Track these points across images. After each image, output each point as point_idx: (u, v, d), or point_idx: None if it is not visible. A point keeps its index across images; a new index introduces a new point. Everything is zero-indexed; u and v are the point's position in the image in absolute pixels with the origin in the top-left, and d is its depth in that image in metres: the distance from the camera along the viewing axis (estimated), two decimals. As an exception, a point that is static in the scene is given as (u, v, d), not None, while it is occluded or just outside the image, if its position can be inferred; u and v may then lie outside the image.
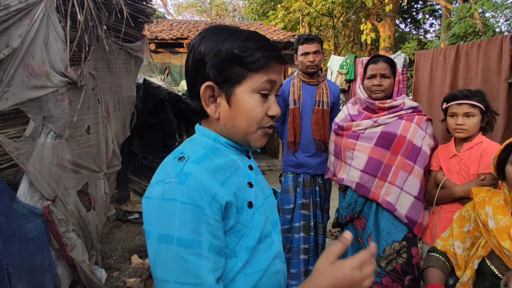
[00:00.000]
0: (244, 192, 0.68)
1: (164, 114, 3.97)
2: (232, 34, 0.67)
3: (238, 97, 0.67)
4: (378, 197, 1.63)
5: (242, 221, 0.66)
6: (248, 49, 0.65)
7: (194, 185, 0.60)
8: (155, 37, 6.53)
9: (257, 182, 0.74)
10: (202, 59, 0.67)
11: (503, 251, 1.11)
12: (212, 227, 0.60)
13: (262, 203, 0.72)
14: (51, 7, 1.65)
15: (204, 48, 0.67)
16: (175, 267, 0.58)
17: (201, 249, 0.58)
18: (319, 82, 2.23)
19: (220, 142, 0.71)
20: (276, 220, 0.78)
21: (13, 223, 1.53)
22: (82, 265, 1.90)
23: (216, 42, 0.66)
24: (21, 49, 1.51)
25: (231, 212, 0.64)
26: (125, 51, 2.51)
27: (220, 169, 0.66)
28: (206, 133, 0.72)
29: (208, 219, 0.59)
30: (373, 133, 1.70)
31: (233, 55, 0.65)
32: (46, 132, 1.72)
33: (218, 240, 0.61)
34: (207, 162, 0.65)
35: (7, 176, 1.60)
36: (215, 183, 0.62)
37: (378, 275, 1.64)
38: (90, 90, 2.07)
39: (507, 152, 1.16)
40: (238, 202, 0.65)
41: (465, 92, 1.57)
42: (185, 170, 0.62)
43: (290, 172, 2.30)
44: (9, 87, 1.49)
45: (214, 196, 0.61)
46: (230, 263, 0.65)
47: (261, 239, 0.68)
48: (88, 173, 2.12)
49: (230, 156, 0.71)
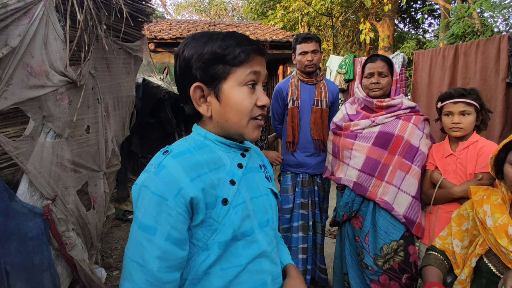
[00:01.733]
0: (221, 188, 0.71)
1: (164, 114, 3.97)
2: (211, 36, 0.72)
3: (226, 93, 0.71)
4: (375, 197, 1.64)
5: (214, 217, 0.69)
6: (227, 47, 0.70)
7: (165, 177, 0.66)
8: (154, 36, 6.52)
9: (246, 181, 0.76)
10: (188, 63, 0.72)
11: (500, 249, 1.12)
12: (173, 218, 0.65)
13: (243, 201, 0.74)
14: (50, 7, 1.65)
15: (187, 53, 0.72)
16: (133, 245, 0.67)
17: (154, 236, 0.65)
18: (317, 82, 2.23)
19: (209, 139, 0.75)
20: (267, 221, 0.79)
21: (12, 222, 1.53)
22: (82, 264, 1.90)
23: (198, 46, 0.72)
24: (20, 48, 1.51)
25: (199, 207, 0.68)
26: (125, 51, 2.51)
27: (197, 165, 0.70)
28: (198, 130, 0.77)
29: (170, 211, 0.65)
30: (371, 132, 1.70)
31: (215, 54, 0.70)
32: (46, 131, 1.72)
33: (177, 232, 0.66)
34: (186, 157, 0.70)
35: (6, 175, 1.60)
36: (185, 178, 0.67)
37: (375, 273, 1.65)
38: (89, 90, 2.07)
39: (505, 152, 1.17)
40: (208, 198, 0.69)
41: (460, 91, 1.57)
42: (163, 163, 0.68)
43: (288, 172, 2.30)
44: (8, 86, 1.49)
45: (180, 190, 0.66)
46: (202, 256, 0.69)
47: (238, 236, 0.71)
48: (88, 173, 2.12)
49: (216, 153, 0.74)
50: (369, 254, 1.67)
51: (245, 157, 0.79)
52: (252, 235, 0.74)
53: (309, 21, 8.64)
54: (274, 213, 0.84)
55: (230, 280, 0.70)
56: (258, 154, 0.90)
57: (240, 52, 0.70)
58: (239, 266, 0.71)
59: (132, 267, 0.66)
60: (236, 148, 0.78)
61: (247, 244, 0.73)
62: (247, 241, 0.73)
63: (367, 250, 1.68)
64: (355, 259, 1.80)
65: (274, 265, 0.78)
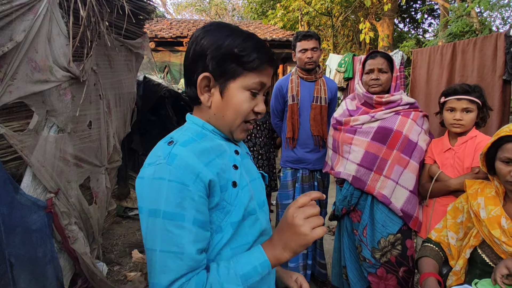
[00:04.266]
0: (229, 173, 0.74)
1: (164, 111, 4.00)
2: (233, 31, 0.73)
3: (230, 92, 0.74)
4: (373, 190, 1.67)
5: (227, 199, 0.72)
6: (246, 49, 0.72)
7: (181, 164, 0.67)
8: (155, 35, 6.55)
9: (243, 165, 0.81)
10: (204, 51, 0.73)
11: (493, 240, 1.15)
12: (196, 202, 0.66)
13: (247, 183, 0.78)
14: (54, 3, 1.68)
15: (206, 41, 0.73)
16: (161, 237, 0.65)
17: (184, 222, 0.65)
18: (317, 79, 2.26)
19: (207, 129, 0.78)
20: (264, 201, 0.85)
21: (17, 214, 1.56)
22: (84, 257, 1.93)
23: (218, 37, 0.72)
24: (24, 43, 1.54)
25: (215, 190, 0.70)
26: (126, 48, 2.53)
27: (205, 151, 0.72)
28: (195, 120, 0.79)
29: (192, 195, 0.66)
30: (370, 127, 1.73)
31: (232, 52, 0.71)
32: (49, 125, 1.75)
33: (202, 214, 0.68)
34: (194, 144, 0.71)
35: (10, 168, 1.63)
36: (200, 163, 0.68)
37: (373, 266, 1.68)
38: (92, 86, 2.10)
39: (495, 148, 1.19)
40: (222, 182, 0.71)
41: (465, 87, 1.57)
42: (173, 152, 0.68)
43: (288, 168, 2.33)
44: (13, 81, 1.52)
45: (198, 175, 0.67)
46: (217, 238, 0.72)
47: (245, 216, 0.74)
48: (90, 167, 2.15)
49: (216, 141, 0.77)
50: (367, 247, 1.69)
51: (237, 145, 0.84)
52: (255, 214, 0.78)
53: (309, 20, 8.66)
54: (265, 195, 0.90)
55: None
56: (242, 143, 0.94)
57: (256, 59, 0.71)
58: (247, 244, 0.75)
59: (168, 258, 0.65)
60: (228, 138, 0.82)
61: (252, 223, 0.77)
62: (252, 220, 0.77)
63: (365, 243, 1.70)
64: (353, 252, 1.83)
65: None
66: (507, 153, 1.14)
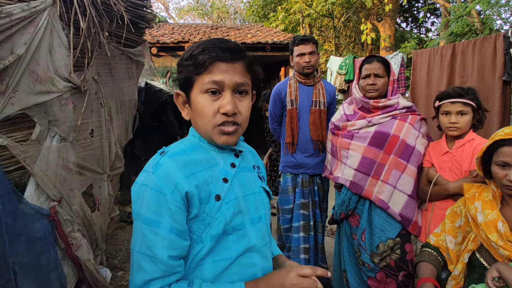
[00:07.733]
0: (214, 185, 0.76)
1: (166, 117, 4.04)
2: (194, 44, 0.77)
3: (193, 100, 0.77)
4: (371, 195, 1.67)
5: (207, 211, 0.74)
6: (192, 55, 0.74)
7: (162, 175, 0.72)
8: (156, 41, 6.61)
9: (238, 179, 0.81)
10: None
11: (490, 244, 1.15)
12: (172, 211, 0.70)
13: (235, 198, 0.78)
14: (54, 15, 1.71)
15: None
16: (139, 239, 0.71)
17: (159, 229, 0.70)
18: (315, 83, 2.26)
19: (204, 141, 0.81)
20: (259, 217, 0.83)
21: (20, 223, 1.59)
22: (87, 264, 1.96)
23: (182, 55, 0.78)
24: (26, 56, 1.57)
25: (193, 202, 0.73)
26: (127, 56, 2.57)
27: (191, 163, 0.75)
28: (193, 133, 0.83)
29: (169, 204, 0.70)
30: (367, 132, 1.74)
31: (183, 63, 0.76)
32: (52, 135, 1.78)
33: (178, 223, 0.71)
34: (181, 156, 0.75)
35: (14, 178, 1.66)
36: (181, 175, 0.72)
37: (372, 270, 1.68)
38: (93, 95, 2.13)
39: (490, 152, 1.20)
40: (202, 194, 0.74)
41: (458, 90, 1.58)
42: (160, 162, 0.74)
43: (288, 173, 2.33)
44: (15, 93, 1.55)
45: (176, 186, 0.71)
46: (197, 248, 0.74)
47: (229, 230, 0.76)
48: (92, 175, 2.18)
49: (210, 153, 0.80)
50: (366, 252, 1.70)
51: (238, 157, 0.84)
52: (243, 229, 0.78)
53: (310, 22, 8.68)
54: (267, 210, 0.88)
55: (220, 272, 0.74)
56: (253, 155, 0.94)
57: (201, 61, 0.72)
58: (229, 259, 0.75)
59: (142, 259, 0.70)
60: (228, 149, 0.82)
61: (238, 238, 0.77)
62: (238, 236, 0.77)
63: (363, 247, 1.71)
64: (352, 256, 1.83)
65: (265, 260, 0.82)
66: (502, 157, 1.14)
